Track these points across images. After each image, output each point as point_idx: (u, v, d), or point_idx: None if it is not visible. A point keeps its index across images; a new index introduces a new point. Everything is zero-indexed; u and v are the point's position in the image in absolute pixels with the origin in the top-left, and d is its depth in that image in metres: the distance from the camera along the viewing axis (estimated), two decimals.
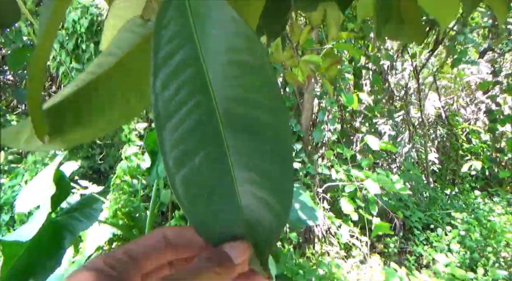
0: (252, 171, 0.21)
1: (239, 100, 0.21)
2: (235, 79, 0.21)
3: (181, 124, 0.21)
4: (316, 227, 2.55)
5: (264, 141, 0.21)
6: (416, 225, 2.78)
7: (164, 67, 0.21)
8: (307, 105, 3.04)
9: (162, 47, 0.21)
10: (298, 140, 2.96)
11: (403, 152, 3.76)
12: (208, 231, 0.22)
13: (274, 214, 0.22)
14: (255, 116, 0.21)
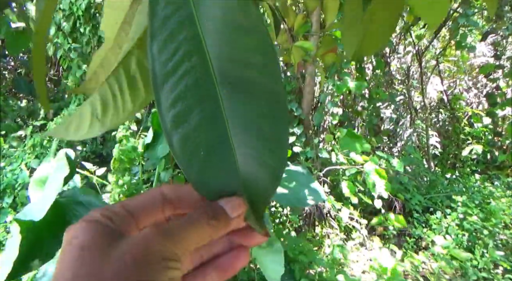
0: (248, 129, 0.22)
1: (234, 61, 0.21)
2: (230, 41, 0.21)
3: (177, 85, 0.21)
4: (316, 210, 2.57)
5: (259, 101, 0.22)
6: (416, 208, 2.80)
7: (160, 31, 0.21)
8: (308, 88, 3.02)
9: (158, 12, 0.21)
10: (298, 124, 2.96)
11: (404, 136, 3.76)
12: (205, 187, 0.22)
13: (270, 171, 0.22)
14: (250, 76, 0.21)
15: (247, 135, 0.22)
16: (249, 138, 0.22)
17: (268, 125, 0.22)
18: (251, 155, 0.22)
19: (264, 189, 0.23)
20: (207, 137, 0.22)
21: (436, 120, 4.20)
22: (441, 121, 4.17)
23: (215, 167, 0.22)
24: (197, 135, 0.22)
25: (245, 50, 0.21)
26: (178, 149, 0.22)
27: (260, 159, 0.22)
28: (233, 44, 0.21)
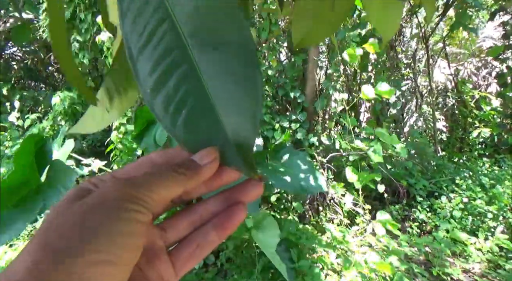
0: (223, 80, 0.23)
1: (202, 22, 0.23)
2: (196, 4, 0.23)
3: (152, 55, 0.23)
4: (320, 196, 2.60)
5: (230, 55, 0.23)
6: (420, 193, 2.80)
7: (129, 9, 0.23)
8: (311, 75, 3.00)
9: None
10: (302, 111, 2.95)
11: (410, 121, 3.73)
12: (191, 143, 0.24)
13: (249, 115, 0.24)
14: (219, 34, 0.23)
15: (222, 84, 0.23)
16: (225, 87, 0.23)
17: (240, 71, 0.23)
18: (229, 102, 0.23)
19: (248, 134, 0.24)
20: (186, 96, 0.23)
21: (443, 104, 4.14)
22: (448, 105, 4.11)
23: (198, 122, 0.24)
24: (177, 95, 0.23)
25: (210, 10, 0.23)
26: (161, 113, 0.23)
27: (238, 105, 0.23)
28: (198, 7, 0.23)
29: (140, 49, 0.23)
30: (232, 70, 0.23)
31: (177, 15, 0.23)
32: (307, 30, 0.62)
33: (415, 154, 3.30)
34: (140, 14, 0.23)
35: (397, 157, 3.13)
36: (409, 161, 3.00)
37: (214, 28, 0.23)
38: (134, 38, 0.23)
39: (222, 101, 0.23)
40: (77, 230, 0.18)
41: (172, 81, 0.23)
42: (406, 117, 3.80)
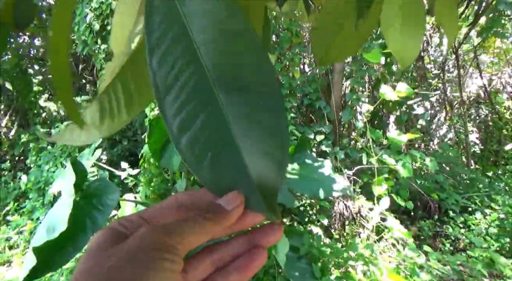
0: (249, 125, 0.23)
1: (228, 64, 0.23)
2: (222, 47, 0.23)
3: (179, 94, 0.23)
4: (346, 210, 2.53)
5: (255, 97, 0.23)
6: (452, 208, 2.67)
7: (158, 47, 0.23)
8: (336, 85, 2.97)
9: (154, 30, 0.23)
10: (327, 123, 2.92)
11: (440, 132, 3.60)
12: (216, 186, 0.24)
13: (274, 161, 0.23)
14: (245, 76, 0.23)
15: (248, 130, 0.23)
16: (251, 133, 0.23)
17: (267, 118, 0.23)
18: (255, 148, 0.23)
19: (272, 179, 0.24)
20: (212, 138, 0.23)
21: (476, 116, 3.98)
22: (481, 116, 3.94)
23: (223, 165, 0.24)
24: (203, 137, 0.23)
25: (237, 52, 0.23)
26: (186, 154, 0.23)
27: (264, 151, 0.23)
28: (225, 50, 0.23)
29: (168, 88, 0.23)
30: (258, 114, 0.23)
31: (204, 56, 0.23)
32: (329, 47, 0.61)
33: (447, 167, 3.17)
34: (169, 53, 0.23)
35: (427, 170, 3.01)
36: (440, 174, 2.88)
37: (240, 71, 0.23)
38: (161, 76, 0.23)
39: (248, 145, 0.23)
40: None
41: (198, 123, 0.23)
42: (435, 128, 3.67)
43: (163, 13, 0.23)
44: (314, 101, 2.95)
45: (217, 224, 0.23)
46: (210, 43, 0.23)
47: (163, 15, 0.23)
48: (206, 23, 0.23)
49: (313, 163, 1.97)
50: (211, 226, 0.23)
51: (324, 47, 0.60)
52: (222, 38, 0.23)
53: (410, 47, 0.63)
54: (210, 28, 0.23)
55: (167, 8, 0.23)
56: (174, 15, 0.23)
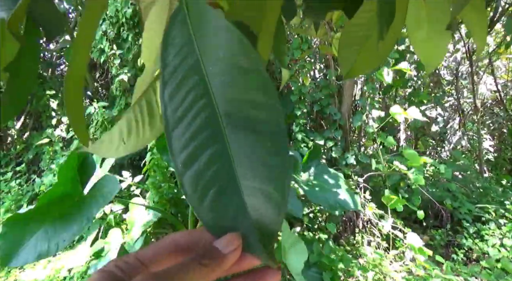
0: (252, 165, 0.23)
1: (238, 101, 0.23)
2: (233, 83, 0.23)
3: (187, 129, 0.23)
4: (356, 218, 2.50)
5: (262, 137, 0.23)
6: (465, 217, 2.62)
7: (171, 80, 0.23)
8: (347, 92, 2.95)
9: (169, 62, 0.23)
10: (337, 129, 2.90)
11: (453, 140, 3.54)
12: (215, 226, 0.24)
13: (274, 204, 0.23)
14: (253, 114, 0.23)
15: (251, 170, 0.23)
16: (254, 173, 0.23)
17: (271, 160, 0.23)
18: (257, 189, 0.23)
19: (272, 223, 0.23)
20: (215, 176, 0.23)
21: (490, 123, 3.90)
22: (496, 123, 3.87)
23: (224, 205, 0.23)
24: (207, 174, 0.23)
25: (247, 90, 0.23)
26: (189, 189, 0.23)
27: (265, 193, 0.23)
28: (235, 86, 0.23)
29: (176, 122, 0.23)
30: (262, 155, 0.23)
31: (215, 90, 0.23)
32: (354, 61, 0.60)
33: (459, 175, 3.11)
34: (180, 86, 0.23)
35: (438, 177, 2.96)
36: (452, 182, 2.83)
37: (248, 109, 0.23)
38: (171, 109, 0.23)
39: (250, 185, 0.23)
40: None
41: (203, 159, 0.23)
42: (449, 135, 3.62)
43: (179, 45, 0.24)
44: (324, 107, 2.93)
45: (214, 270, 0.22)
46: (222, 78, 0.23)
47: (178, 47, 0.24)
48: (219, 56, 0.23)
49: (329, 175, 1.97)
50: (208, 272, 0.22)
51: (350, 61, 0.60)
52: (234, 74, 0.23)
53: (436, 52, 0.62)
54: (223, 63, 0.23)
55: (183, 40, 0.24)
56: (189, 47, 0.23)
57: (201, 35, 0.23)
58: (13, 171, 3.16)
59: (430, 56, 0.64)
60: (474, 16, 0.61)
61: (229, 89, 0.23)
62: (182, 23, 0.24)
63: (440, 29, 0.62)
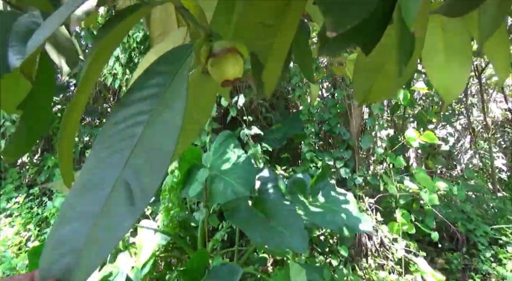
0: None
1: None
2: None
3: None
4: (368, 240, 2.44)
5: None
6: (481, 240, 2.54)
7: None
8: (356, 111, 2.94)
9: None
10: (347, 149, 2.87)
11: (464, 159, 3.48)
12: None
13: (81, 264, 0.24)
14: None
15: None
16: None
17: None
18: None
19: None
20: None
21: (502, 140, 3.85)
22: (507, 141, 3.81)
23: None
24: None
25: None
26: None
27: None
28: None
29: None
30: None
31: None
32: (369, 87, 0.59)
33: (473, 195, 3.04)
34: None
35: (452, 198, 2.90)
36: (466, 203, 2.76)
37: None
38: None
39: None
40: None
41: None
42: (460, 154, 3.56)
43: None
44: (333, 127, 2.92)
45: None
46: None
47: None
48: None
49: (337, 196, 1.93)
50: None
51: (365, 86, 0.59)
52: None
53: (455, 83, 0.60)
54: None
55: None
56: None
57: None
58: (26, 193, 3.18)
59: (449, 86, 0.62)
60: (496, 45, 0.60)
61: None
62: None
63: (460, 59, 0.61)
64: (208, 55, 0.36)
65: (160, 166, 0.24)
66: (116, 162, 0.25)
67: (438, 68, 0.61)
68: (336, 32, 0.29)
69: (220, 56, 0.35)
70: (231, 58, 0.35)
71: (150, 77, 0.30)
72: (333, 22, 0.29)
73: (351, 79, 0.64)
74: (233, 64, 0.36)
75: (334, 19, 0.29)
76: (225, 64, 0.35)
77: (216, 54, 0.35)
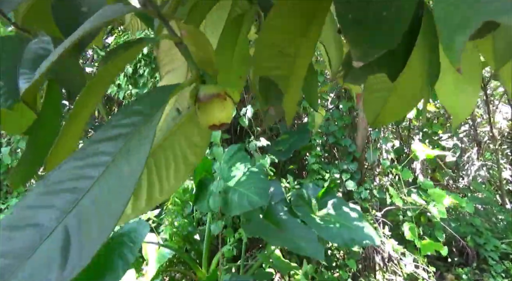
0: None
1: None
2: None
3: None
4: (376, 255, 2.40)
5: None
6: (491, 255, 2.49)
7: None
8: (361, 124, 2.92)
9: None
10: (353, 161, 2.85)
11: (472, 170, 3.44)
12: None
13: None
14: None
15: None
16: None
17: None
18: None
19: None
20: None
21: (509, 152, 3.81)
22: None
23: None
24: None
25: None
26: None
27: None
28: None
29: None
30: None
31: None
32: (381, 107, 0.58)
33: (481, 208, 3.00)
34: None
35: (460, 211, 2.85)
36: (475, 216, 2.71)
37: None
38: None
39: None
40: None
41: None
42: (467, 165, 3.53)
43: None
44: (339, 139, 2.90)
45: None
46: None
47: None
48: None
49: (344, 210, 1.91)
50: None
51: (376, 107, 0.57)
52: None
53: (465, 103, 0.59)
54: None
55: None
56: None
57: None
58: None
59: (458, 107, 0.61)
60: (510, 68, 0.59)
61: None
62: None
63: (469, 81, 0.60)
64: (195, 98, 0.35)
65: (106, 226, 0.21)
66: (62, 204, 0.22)
67: (447, 89, 0.60)
68: (362, 62, 0.28)
69: (205, 101, 0.34)
70: (217, 103, 0.34)
71: (126, 115, 0.28)
72: (360, 52, 0.28)
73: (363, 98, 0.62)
74: (219, 110, 0.34)
75: (361, 50, 0.28)
76: (211, 110, 0.34)
77: (201, 99, 0.34)
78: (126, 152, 0.25)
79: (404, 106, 0.57)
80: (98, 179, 0.23)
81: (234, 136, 3.04)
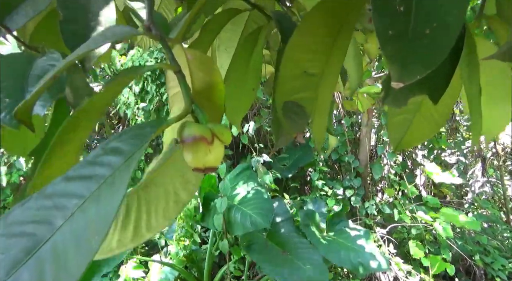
0: None
1: None
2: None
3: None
4: (382, 274, 2.35)
5: None
6: (500, 274, 2.44)
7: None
8: (365, 139, 2.92)
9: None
10: (356, 177, 2.83)
11: (476, 187, 3.41)
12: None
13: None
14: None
15: None
16: None
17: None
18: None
19: None
20: None
21: None
22: None
23: None
24: None
25: None
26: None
27: None
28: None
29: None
30: None
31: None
32: (406, 129, 0.57)
33: (487, 226, 2.95)
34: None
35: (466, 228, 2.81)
36: (482, 234, 2.67)
37: None
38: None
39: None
40: None
41: None
42: (471, 182, 3.50)
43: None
44: (342, 156, 2.89)
45: None
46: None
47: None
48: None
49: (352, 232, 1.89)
50: None
51: (400, 130, 0.56)
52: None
53: (496, 121, 0.57)
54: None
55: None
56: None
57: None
58: None
59: (490, 124, 0.59)
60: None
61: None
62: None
63: (501, 96, 0.58)
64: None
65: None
66: (16, 253, 0.20)
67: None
68: (403, 83, 0.26)
69: (188, 143, 0.30)
70: (202, 146, 0.30)
71: (104, 152, 0.25)
72: (401, 73, 0.26)
73: (386, 125, 0.61)
74: (204, 153, 0.30)
75: (401, 70, 0.26)
76: (195, 152, 0.30)
77: (184, 141, 0.30)
78: (97, 199, 0.22)
79: (432, 126, 0.55)
80: (61, 227, 0.21)
81: (236, 152, 3.02)
